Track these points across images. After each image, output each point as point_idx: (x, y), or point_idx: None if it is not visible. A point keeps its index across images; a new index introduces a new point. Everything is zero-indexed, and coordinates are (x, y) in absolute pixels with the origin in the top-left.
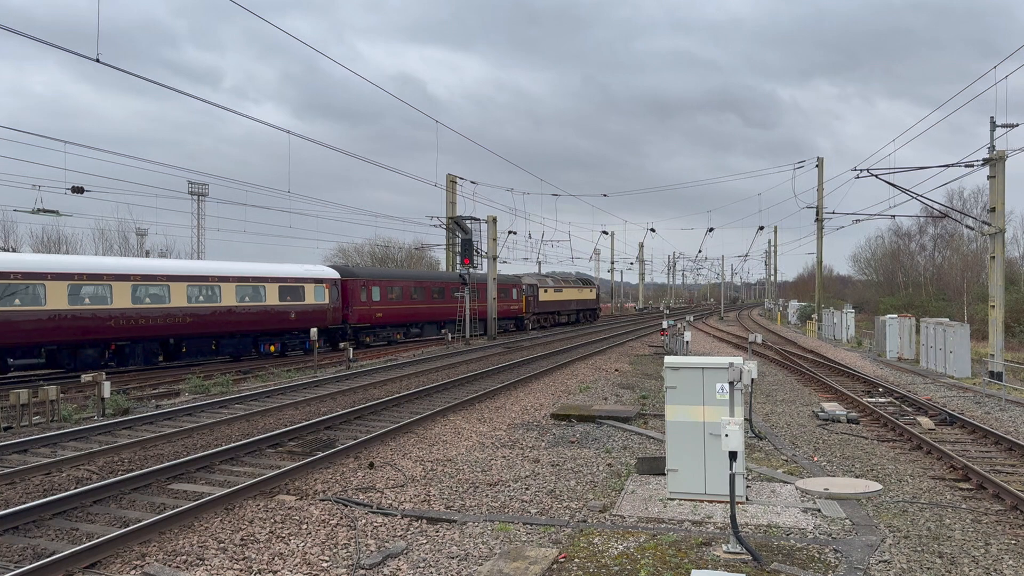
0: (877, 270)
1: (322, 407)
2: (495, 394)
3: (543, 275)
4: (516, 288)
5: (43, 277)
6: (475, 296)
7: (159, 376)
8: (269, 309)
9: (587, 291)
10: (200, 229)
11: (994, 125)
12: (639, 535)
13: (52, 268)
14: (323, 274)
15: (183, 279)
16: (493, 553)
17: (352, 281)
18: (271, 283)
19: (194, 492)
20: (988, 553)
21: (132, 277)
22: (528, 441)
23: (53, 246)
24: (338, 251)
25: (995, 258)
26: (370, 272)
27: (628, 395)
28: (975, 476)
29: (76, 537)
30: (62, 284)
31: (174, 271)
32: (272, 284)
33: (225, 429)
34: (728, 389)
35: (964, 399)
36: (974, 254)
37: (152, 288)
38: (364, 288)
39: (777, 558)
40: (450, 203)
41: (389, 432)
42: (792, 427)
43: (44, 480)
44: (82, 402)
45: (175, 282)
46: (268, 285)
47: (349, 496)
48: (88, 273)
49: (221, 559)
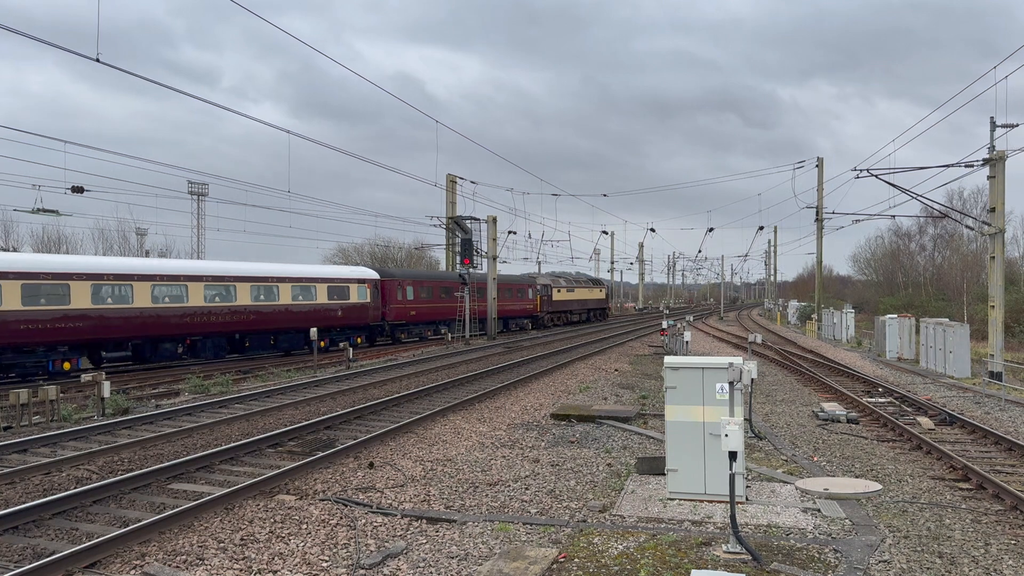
0: (877, 270)
1: (322, 407)
2: (495, 394)
3: (556, 275)
4: (531, 288)
5: (131, 279)
6: (479, 296)
7: (159, 376)
8: (320, 307)
9: (597, 291)
10: (200, 229)
11: (994, 125)
12: (639, 535)
13: (138, 270)
14: (365, 275)
15: (247, 280)
16: (493, 553)
17: (389, 282)
18: (321, 283)
19: (194, 492)
20: (988, 553)
21: (204, 278)
22: (528, 441)
23: (53, 246)
24: (338, 251)
25: (995, 258)
26: (405, 273)
27: (628, 395)
28: (975, 476)
29: (76, 537)
30: (146, 285)
31: (239, 272)
32: (322, 284)
33: (225, 429)
34: (728, 389)
35: (964, 399)
36: (974, 254)
37: (221, 288)
38: (400, 288)
39: (777, 558)
40: (450, 203)
41: (389, 432)
42: (792, 427)
43: (44, 480)
44: (82, 402)
45: (240, 283)
46: (319, 285)
47: (349, 496)
48: (167, 275)
49: (221, 559)
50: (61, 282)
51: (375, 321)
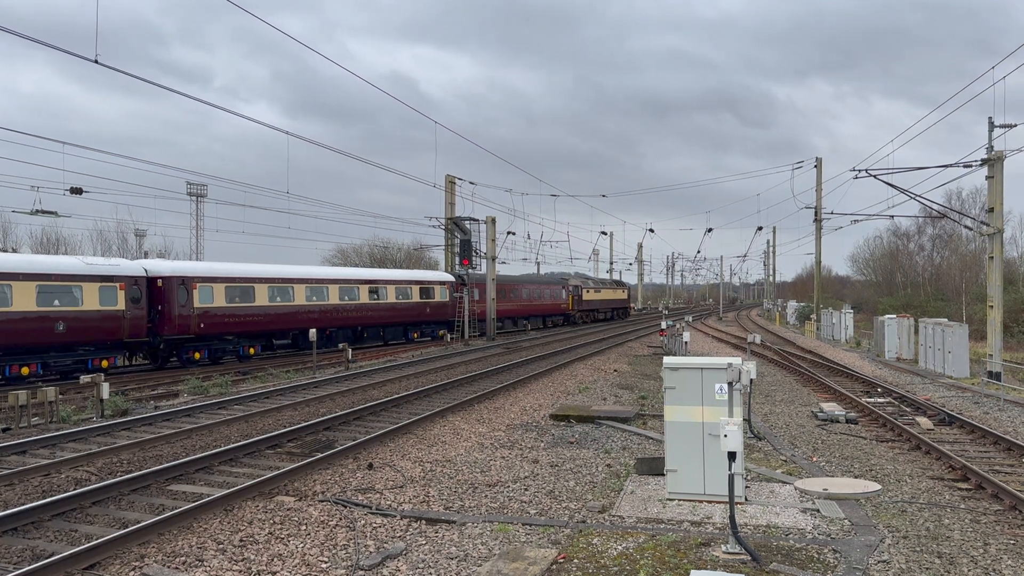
0: (876, 270)
1: (321, 408)
2: (494, 395)
3: (585, 277)
4: (565, 288)
5: (291, 282)
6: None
7: (158, 377)
8: (415, 305)
9: (620, 291)
10: (199, 230)
11: (992, 125)
12: (638, 535)
13: (295, 275)
14: (445, 278)
15: (366, 282)
16: (492, 554)
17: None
18: (415, 285)
19: (193, 493)
20: (987, 553)
21: (339, 281)
22: (527, 442)
23: (52, 247)
24: (337, 252)
25: (993, 258)
26: (477, 277)
27: (627, 395)
28: (974, 476)
29: (75, 538)
30: (303, 286)
31: (359, 276)
32: (415, 286)
33: (224, 430)
34: (727, 389)
35: (963, 399)
36: (972, 254)
37: (349, 290)
38: (471, 290)
39: (776, 558)
40: (449, 204)
41: (388, 433)
42: (791, 427)
43: (43, 481)
44: (81, 403)
45: (361, 285)
46: (413, 287)
47: (348, 497)
48: (315, 278)
49: (220, 560)
50: (248, 285)
51: (452, 317)
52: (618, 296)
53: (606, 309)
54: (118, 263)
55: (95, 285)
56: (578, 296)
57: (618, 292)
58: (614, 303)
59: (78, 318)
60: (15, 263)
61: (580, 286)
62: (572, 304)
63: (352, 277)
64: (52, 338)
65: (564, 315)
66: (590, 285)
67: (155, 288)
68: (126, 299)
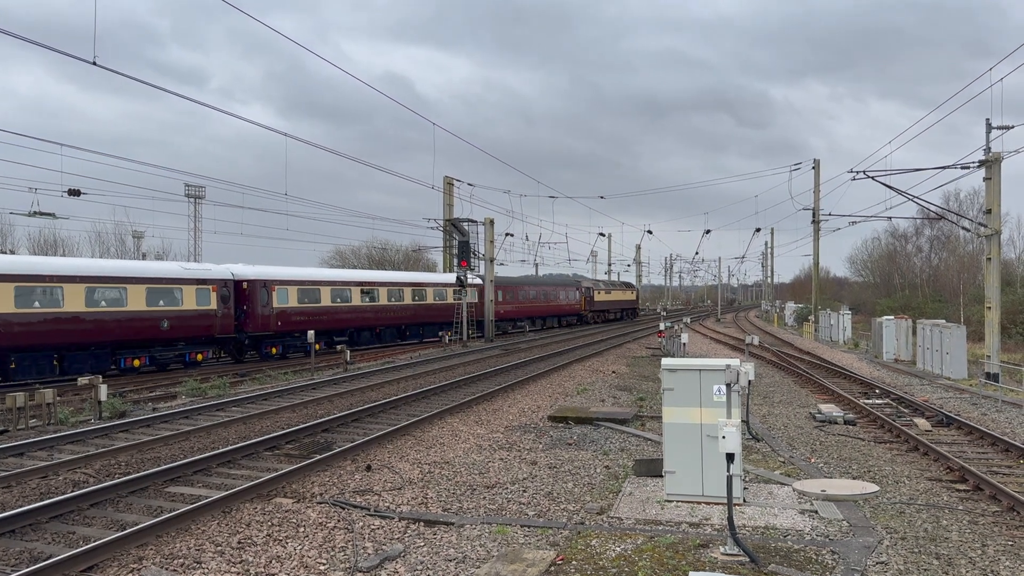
0: (874, 272)
1: (319, 409)
2: (492, 396)
3: (596, 279)
4: (577, 289)
5: (350, 284)
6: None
7: (156, 379)
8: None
9: (629, 293)
10: (197, 232)
11: (989, 127)
12: (637, 537)
13: (354, 278)
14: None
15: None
16: (491, 555)
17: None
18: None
19: (191, 495)
20: (985, 554)
21: (387, 284)
22: (526, 443)
23: (50, 249)
24: (335, 253)
25: (991, 260)
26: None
27: (625, 397)
28: (972, 477)
29: (73, 540)
30: (358, 289)
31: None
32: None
33: (222, 432)
34: (725, 391)
35: (961, 400)
36: (970, 256)
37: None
38: (501, 292)
39: (775, 560)
40: (447, 205)
41: (386, 434)
42: (789, 429)
43: (41, 483)
44: (79, 405)
45: (405, 287)
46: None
47: (346, 499)
48: (369, 281)
49: (218, 562)
50: (315, 288)
51: (480, 317)
52: (627, 297)
53: (616, 309)
54: (209, 268)
55: (192, 287)
56: (590, 297)
57: (627, 293)
58: (623, 304)
59: (179, 316)
60: (131, 268)
61: (591, 288)
62: (584, 304)
63: (398, 280)
64: (158, 334)
65: (577, 315)
66: (601, 286)
67: (240, 290)
68: (217, 300)
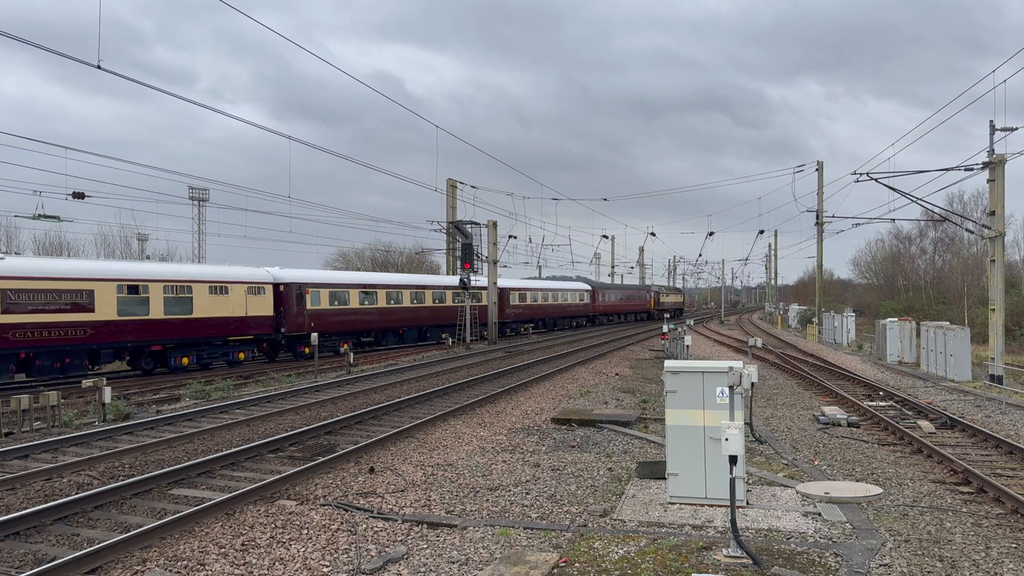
0: (877, 274)
1: (323, 412)
2: (495, 398)
3: (660, 285)
4: (647, 293)
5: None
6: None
7: (160, 382)
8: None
9: (679, 296)
10: (200, 234)
11: (993, 129)
12: (640, 539)
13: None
14: (584, 286)
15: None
16: (494, 558)
17: (599, 290)
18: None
19: (195, 497)
20: (988, 557)
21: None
22: (529, 446)
23: (55, 251)
24: (338, 256)
25: (995, 262)
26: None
27: (628, 399)
28: (975, 480)
29: (77, 543)
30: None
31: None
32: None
33: (226, 434)
34: (728, 393)
35: (965, 403)
36: (974, 257)
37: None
38: (602, 293)
39: (778, 562)
40: (450, 207)
41: (389, 437)
42: (792, 431)
43: (45, 485)
44: (83, 407)
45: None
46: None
47: (350, 501)
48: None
49: (222, 564)
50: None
51: (590, 313)
52: (679, 299)
53: (672, 309)
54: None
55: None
56: (656, 299)
57: (679, 296)
58: (676, 304)
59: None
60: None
61: (658, 292)
62: (653, 304)
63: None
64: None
65: (647, 312)
66: (663, 290)
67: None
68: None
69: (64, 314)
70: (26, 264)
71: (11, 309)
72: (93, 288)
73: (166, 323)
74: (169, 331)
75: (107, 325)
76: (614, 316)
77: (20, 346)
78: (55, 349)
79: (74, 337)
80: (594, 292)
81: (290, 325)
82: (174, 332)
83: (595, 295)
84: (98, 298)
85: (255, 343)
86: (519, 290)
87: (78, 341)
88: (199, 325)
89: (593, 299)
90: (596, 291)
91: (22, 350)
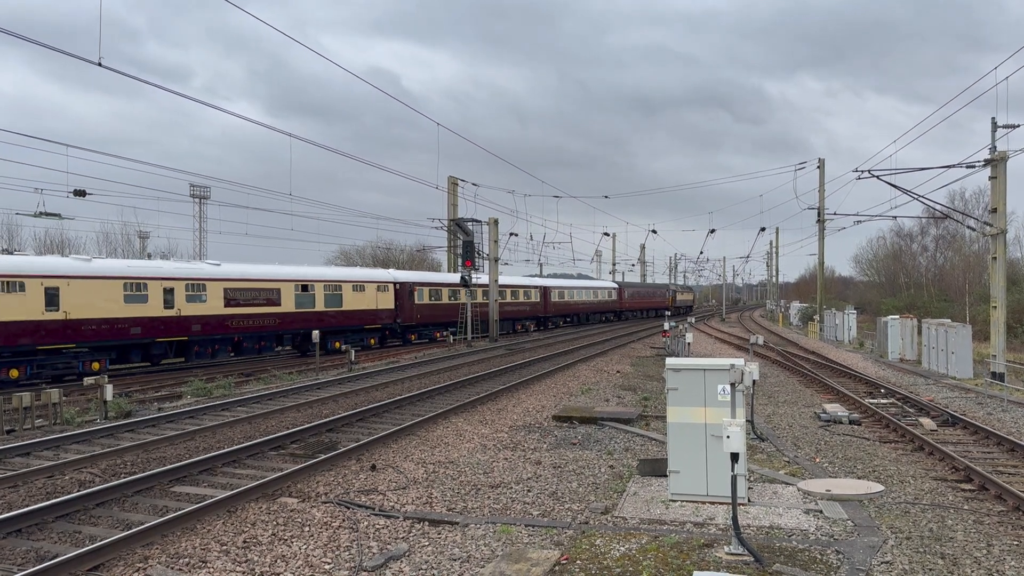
0: (879, 271)
1: (324, 409)
2: (497, 396)
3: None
4: (667, 291)
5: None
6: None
7: (161, 379)
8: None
9: (690, 294)
10: (202, 232)
11: (995, 126)
12: (641, 537)
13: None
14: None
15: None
16: (495, 555)
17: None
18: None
19: (196, 494)
20: (990, 554)
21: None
22: (530, 443)
23: (57, 249)
24: (340, 253)
25: (997, 259)
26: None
27: (630, 397)
28: (977, 477)
29: (79, 540)
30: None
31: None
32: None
33: (227, 432)
34: (729, 390)
35: (966, 400)
36: (976, 255)
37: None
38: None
39: (779, 559)
40: (451, 205)
41: (391, 434)
42: (794, 428)
43: (47, 483)
44: (84, 405)
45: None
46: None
47: (351, 498)
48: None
49: (224, 561)
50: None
51: (617, 309)
52: (690, 296)
53: (684, 306)
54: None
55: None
56: (673, 296)
57: (689, 294)
58: (688, 301)
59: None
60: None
61: (675, 290)
62: (671, 301)
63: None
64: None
65: (667, 309)
66: (679, 288)
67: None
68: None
69: (262, 307)
70: (236, 269)
71: (230, 304)
72: (279, 287)
73: (326, 314)
74: (329, 320)
75: (289, 315)
76: (638, 312)
77: (235, 332)
78: (255, 334)
79: (267, 325)
80: (620, 290)
81: (405, 316)
82: (332, 321)
83: (621, 292)
84: (283, 295)
85: (380, 331)
86: (559, 288)
87: (269, 328)
88: (347, 316)
89: (620, 296)
90: (622, 289)
91: (236, 335)
